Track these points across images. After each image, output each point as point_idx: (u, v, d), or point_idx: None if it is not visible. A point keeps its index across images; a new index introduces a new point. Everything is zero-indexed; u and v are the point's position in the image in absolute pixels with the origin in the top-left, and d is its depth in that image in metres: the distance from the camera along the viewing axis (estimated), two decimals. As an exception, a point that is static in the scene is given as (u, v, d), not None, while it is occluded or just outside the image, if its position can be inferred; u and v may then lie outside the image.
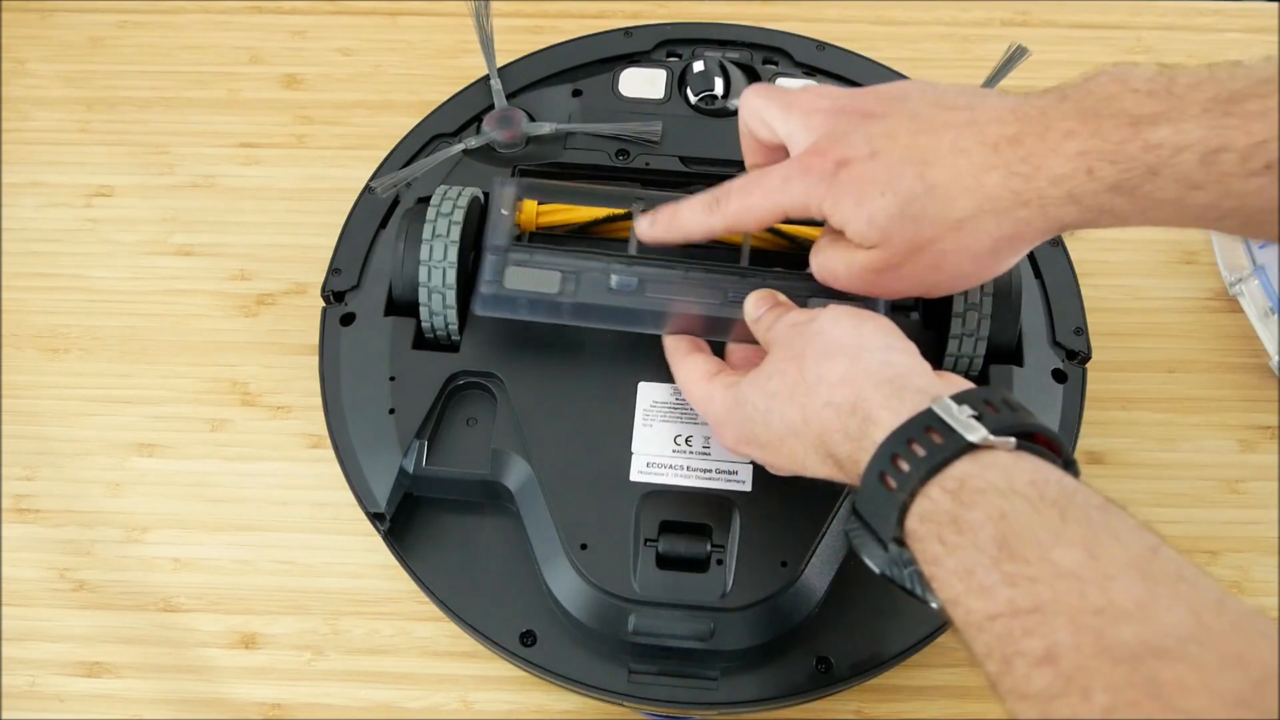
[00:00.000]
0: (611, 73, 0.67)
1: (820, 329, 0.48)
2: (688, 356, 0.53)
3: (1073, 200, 0.44)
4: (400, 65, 0.77)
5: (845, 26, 0.77)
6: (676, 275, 0.55)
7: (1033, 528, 0.38)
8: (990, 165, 0.45)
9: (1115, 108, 0.43)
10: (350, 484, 0.56)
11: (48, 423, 0.65)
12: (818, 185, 0.48)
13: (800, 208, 0.49)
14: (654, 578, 0.52)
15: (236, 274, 0.69)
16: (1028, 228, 0.45)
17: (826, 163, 0.48)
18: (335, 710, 0.58)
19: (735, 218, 0.51)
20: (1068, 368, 0.59)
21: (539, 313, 0.55)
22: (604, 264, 0.55)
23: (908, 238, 0.47)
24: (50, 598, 0.61)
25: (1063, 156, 0.44)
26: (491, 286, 0.54)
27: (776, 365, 0.48)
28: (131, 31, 0.78)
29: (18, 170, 0.73)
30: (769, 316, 0.51)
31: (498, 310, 0.55)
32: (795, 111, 0.50)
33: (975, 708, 0.58)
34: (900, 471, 0.41)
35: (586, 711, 0.58)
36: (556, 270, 0.55)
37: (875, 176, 0.47)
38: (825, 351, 0.47)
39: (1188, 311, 0.69)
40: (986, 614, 0.37)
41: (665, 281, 0.55)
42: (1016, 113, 0.45)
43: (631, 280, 0.55)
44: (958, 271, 0.48)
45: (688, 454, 0.55)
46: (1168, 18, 0.79)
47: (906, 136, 0.47)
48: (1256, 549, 0.62)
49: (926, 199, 0.46)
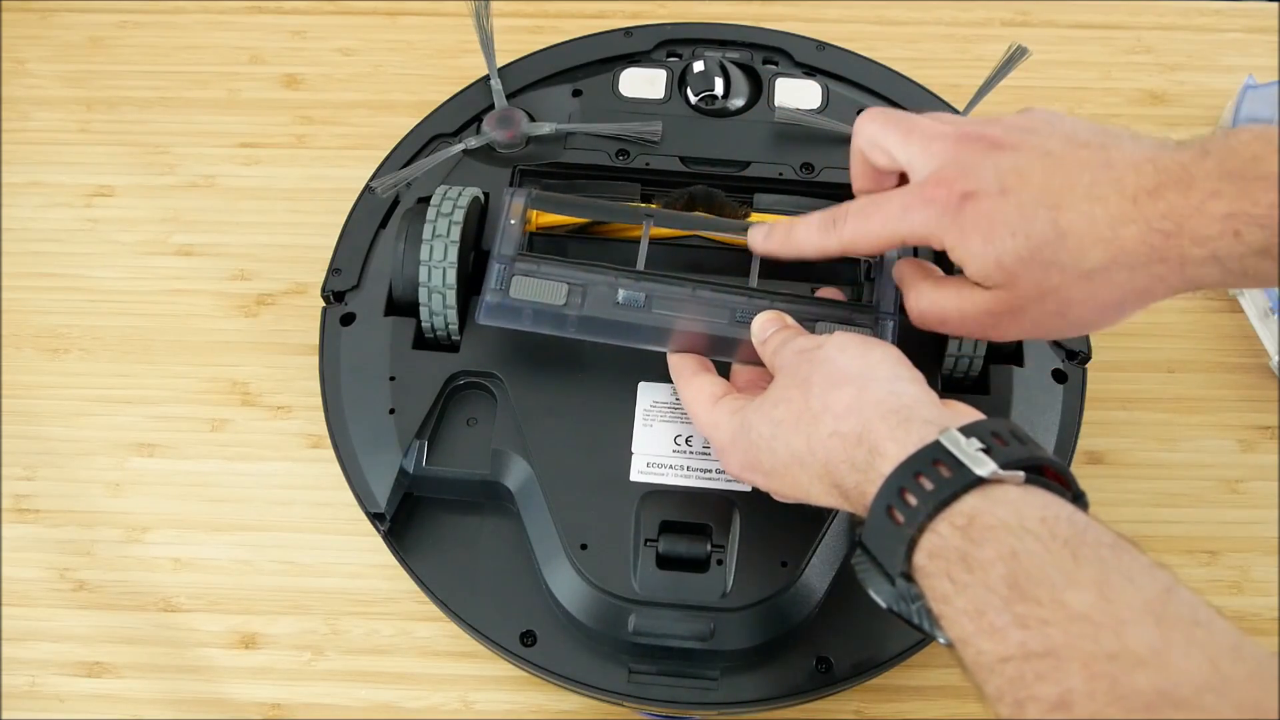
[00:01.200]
0: (611, 73, 0.67)
1: (827, 356, 0.47)
2: (694, 377, 0.53)
3: (1216, 262, 0.42)
4: (400, 65, 0.77)
5: (845, 26, 0.77)
6: (684, 292, 0.54)
7: (1044, 568, 0.37)
8: (1129, 218, 0.43)
9: (1263, 169, 0.42)
10: (350, 484, 0.56)
11: (48, 423, 0.65)
12: (941, 217, 0.46)
13: (920, 238, 0.47)
14: (654, 578, 0.52)
15: (236, 274, 0.69)
16: (1161, 284, 0.44)
17: (952, 194, 0.46)
18: (335, 710, 0.58)
19: (851, 241, 0.50)
20: (1068, 368, 0.59)
21: (543, 324, 0.54)
22: (612, 278, 0.55)
23: (1035, 282, 0.45)
24: (50, 598, 0.61)
25: (1209, 218, 0.42)
26: (496, 295, 0.54)
27: (782, 392, 0.48)
28: (131, 31, 0.78)
29: (18, 170, 0.73)
30: (776, 339, 0.51)
31: (501, 319, 0.54)
32: (916, 137, 0.48)
33: (975, 708, 0.58)
34: (908, 506, 0.41)
35: (586, 711, 0.58)
36: (563, 282, 0.54)
37: (1005, 216, 0.45)
38: (832, 379, 0.46)
39: (1188, 311, 0.69)
40: (998, 656, 0.37)
41: (673, 298, 0.54)
42: (1157, 164, 0.43)
43: (639, 295, 0.54)
44: (1080, 319, 0.46)
45: (688, 454, 0.55)
46: (1168, 18, 0.79)
47: (1040, 175, 0.45)
48: (1256, 549, 0.62)
49: (1059, 245, 0.44)
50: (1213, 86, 0.76)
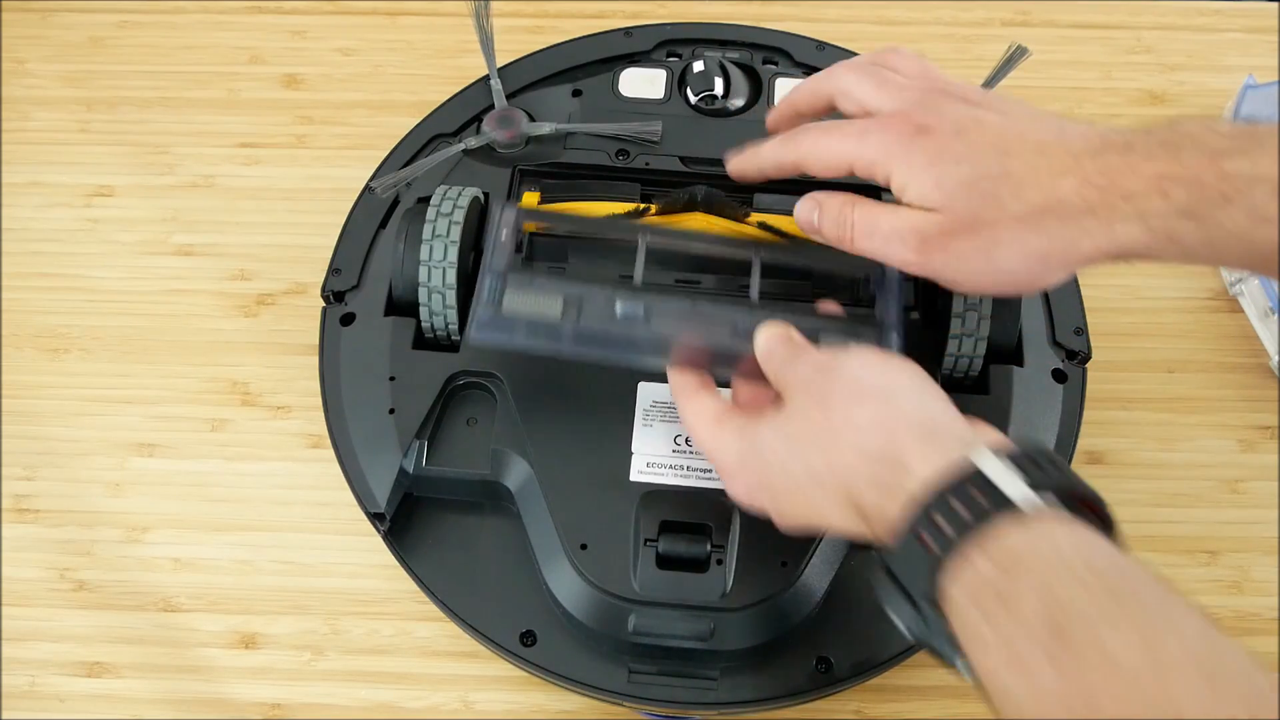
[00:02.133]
0: (611, 73, 0.67)
1: (848, 371, 0.46)
2: (695, 395, 0.51)
3: (1141, 220, 0.44)
4: (400, 65, 0.77)
5: (845, 26, 0.77)
6: (684, 305, 0.53)
7: (1083, 607, 0.36)
8: (1068, 170, 0.45)
9: (1197, 142, 0.44)
10: (350, 484, 0.56)
11: (48, 423, 0.65)
12: (894, 144, 0.47)
13: (868, 163, 0.48)
14: (654, 578, 0.52)
15: (236, 274, 0.69)
16: (1088, 239, 0.45)
17: (908, 125, 0.48)
18: (335, 710, 0.58)
19: (807, 153, 0.51)
20: (1068, 368, 0.59)
21: (538, 338, 0.52)
22: (609, 290, 0.53)
23: (971, 210, 0.46)
24: (50, 598, 0.61)
25: (1139, 176, 0.44)
26: (489, 309, 0.52)
27: (798, 407, 0.46)
28: (131, 31, 0.78)
29: (18, 170, 0.73)
30: (782, 352, 0.49)
31: (494, 334, 0.52)
32: (890, 86, 0.50)
33: (975, 708, 0.58)
34: (939, 531, 0.40)
35: (586, 711, 0.58)
36: (558, 294, 0.52)
37: (955, 150, 0.46)
38: (854, 394, 0.45)
39: (1188, 311, 0.69)
40: (1029, 694, 0.36)
41: (672, 312, 0.53)
42: (1104, 137, 0.46)
43: (637, 308, 0.52)
44: (1003, 267, 0.46)
45: (688, 454, 0.55)
46: (1168, 18, 0.79)
47: (995, 127, 0.47)
48: (1256, 549, 0.62)
49: (1000, 180, 0.46)
50: (1213, 86, 0.76)
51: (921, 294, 0.60)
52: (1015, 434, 0.56)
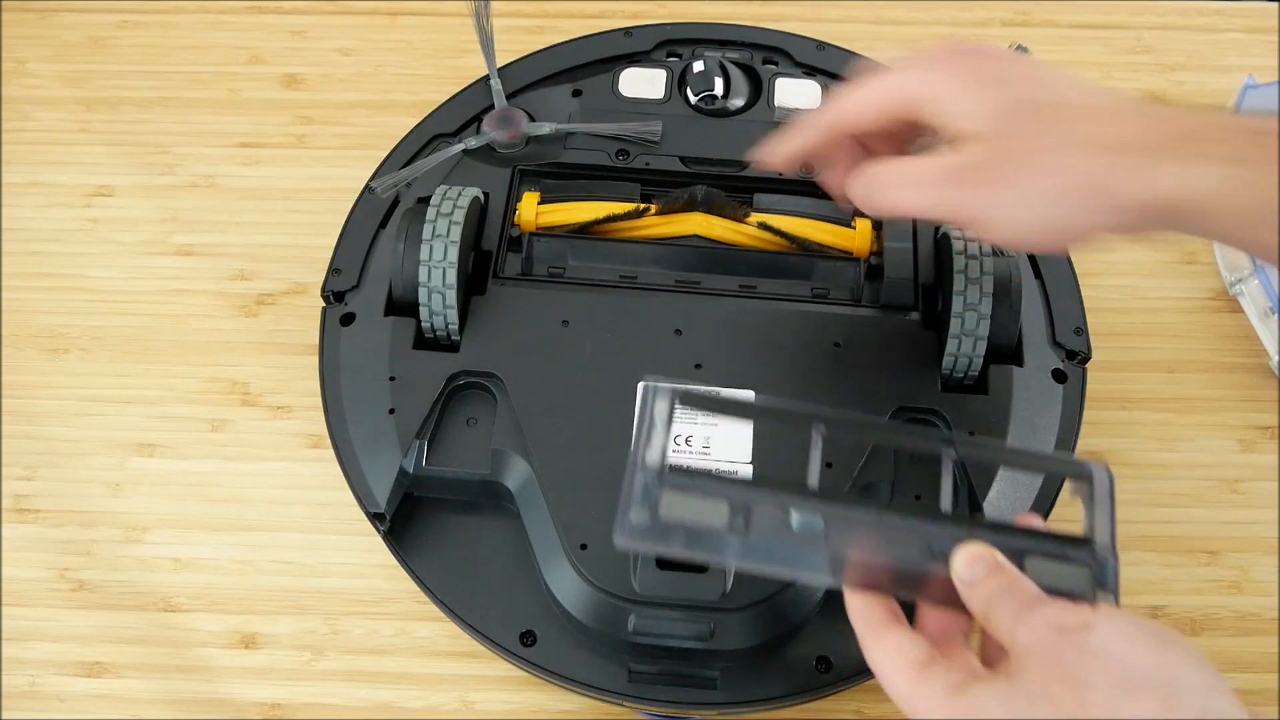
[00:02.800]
0: (611, 73, 0.67)
1: (1108, 648, 0.38)
2: (886, 632, 0.43)
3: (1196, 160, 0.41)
4: (400, 65, 0.77)
5: (845, 26, 0.77)
6: (868, 517, 0.45)
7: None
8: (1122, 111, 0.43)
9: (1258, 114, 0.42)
10: (350, 484, 0.56)
11: (48, 423, 0.65)
12: (939, 71, 0.45)
13: (911, 98, 0.45)
14: (654, 578, 0.52)
15: (236, 274, 0.69)
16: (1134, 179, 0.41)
17: (954, 56, 0.45)
18: (335, 710, 0.58)
19: (846, 101, 0.47)
20: (1068, 368, 0.59)
21: (698, 549, 0.45)
22: (780, 497, 0.45)
23: (1019, 133, 0.43)
24: (50, 598, 0.61)
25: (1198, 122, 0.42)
26: (642, 514, 0.44)
27: (1040, 685, 0.38)
28: (131, 31, 0.78)
29: (18, 170, 0.73)
30: (991, 585, 0.42)
31: (645, 541, 0.45)
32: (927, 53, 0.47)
33: (975, 708, 0.58)
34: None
35: (586, 711, 0.58)
36: (723, 499, 0.45)
37: (1006, 72, 0.44)
38: (1122, 684, 0.37)
39: (1188, 311, 0.69)
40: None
41: (854, 523, 0.45)
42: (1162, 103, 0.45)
43: (816, 522, 0.45)
44: (1023, 201, 0.43)
45: (688, 454, 0.55)
46: (1168, 18, 0.79)
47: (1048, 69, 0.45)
48: (1256, 549, 0.62)
49: (1052, 108, 0.43)
50: (1213, 86, 0.76)
51: (922, 294, 0.60)
52: (1015, 434, 0.56)
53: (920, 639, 0.42)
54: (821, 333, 0.58)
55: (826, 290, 0.60)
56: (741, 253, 0.61)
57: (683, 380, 0.56)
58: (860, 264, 0.60)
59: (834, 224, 0.62)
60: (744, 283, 0.60)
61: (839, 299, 0.60)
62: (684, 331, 0.58)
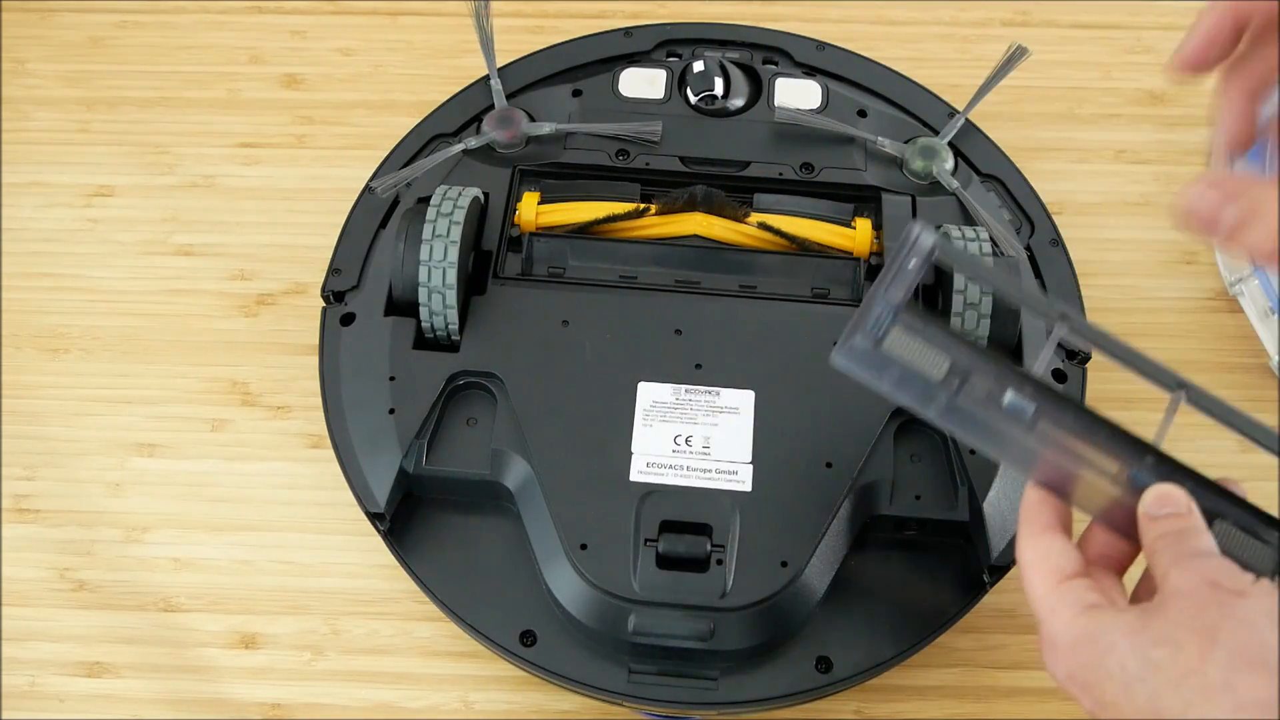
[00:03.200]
0: (611, 73, 0.67)
1: (1251, 619, 0.38)
2: (1044, 534, 0.43)
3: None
4: (400, 65, 0.77)
5: (845, 26, 0.77)
6: (1080, 421, 0.45)
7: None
8: None
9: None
10: (350, 484, 0.56)
11: (48, 423, 0.65)
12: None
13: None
14: (654, 578, 0.52)
15: (236, 274, 0.69)
16: None
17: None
18: (335, 710, 0.58)
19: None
20: (1068, 368, 0.59)
21: (905, 391, 0.45)
22: (1003, 373, 0.45)
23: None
24: (50, 598, 0.61)
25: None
26: (867, 339, 0.45)
27: (1171, 630, 0.38)
28: (131, 31, 0.78)
29: (18, 170, 0.73)
30: (1170, 527, 0.42)
31: (860, 366, 0.45)
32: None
33: (975, 708, 0.58)
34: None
35: (586, 711, 0.58)
36: (946, 355, 0.45)
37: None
38: (1247, 654, 0.37)
39: (1188, 311, 0.69)
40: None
41: (1063, 423, 0.45)
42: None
43: (1027, 406, 0.45)
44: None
45: (688, 454, 0.55)
46: (1168, 18, 0.79)
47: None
48: (1256, 549, 0.62)
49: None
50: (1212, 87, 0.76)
51: (922, 294, 0.60)
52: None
53: (1075, 553, 0.43)
54: (821, 333, 0.58)
55: (827, 290, 0.60)
56: (741, 253, 0.61)
57: (682, 380, 0.57)
58: (860, 264, 0.60)
59: (834, 224, 0.62)
60: (744, 283, 0.60)
61: (839, 299, 0.60)
62: (684, 331, 0.58)
